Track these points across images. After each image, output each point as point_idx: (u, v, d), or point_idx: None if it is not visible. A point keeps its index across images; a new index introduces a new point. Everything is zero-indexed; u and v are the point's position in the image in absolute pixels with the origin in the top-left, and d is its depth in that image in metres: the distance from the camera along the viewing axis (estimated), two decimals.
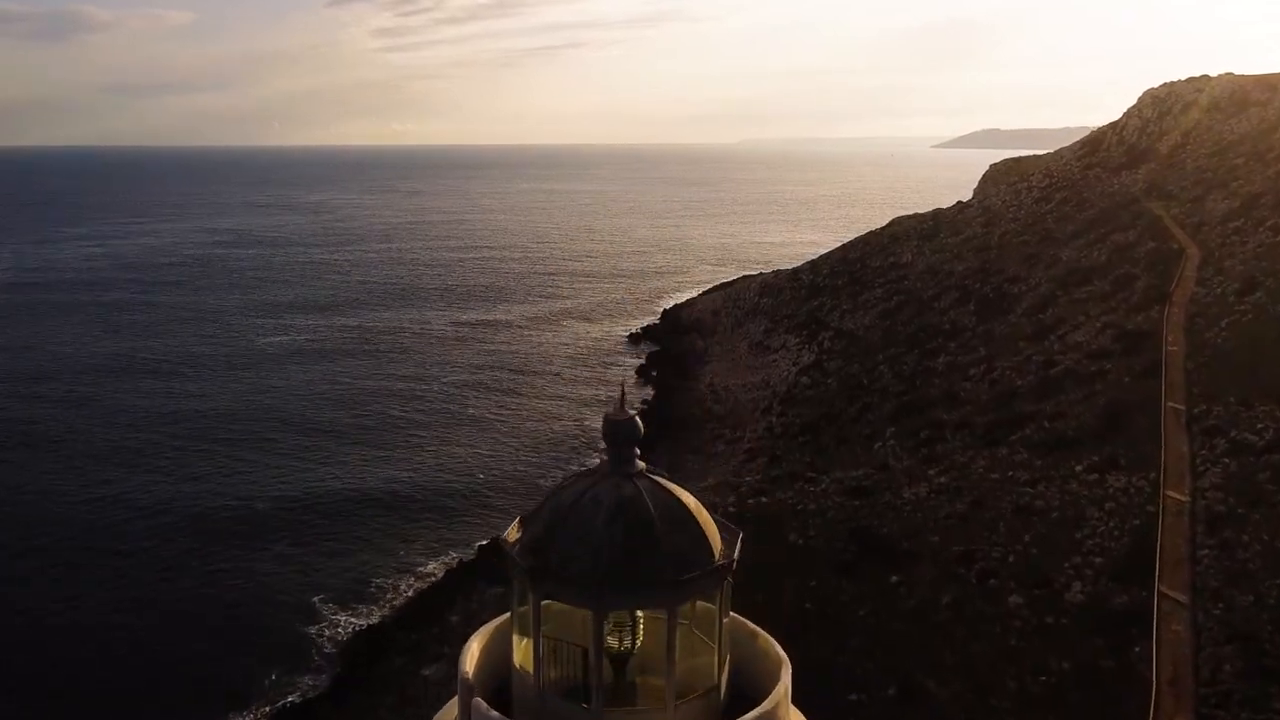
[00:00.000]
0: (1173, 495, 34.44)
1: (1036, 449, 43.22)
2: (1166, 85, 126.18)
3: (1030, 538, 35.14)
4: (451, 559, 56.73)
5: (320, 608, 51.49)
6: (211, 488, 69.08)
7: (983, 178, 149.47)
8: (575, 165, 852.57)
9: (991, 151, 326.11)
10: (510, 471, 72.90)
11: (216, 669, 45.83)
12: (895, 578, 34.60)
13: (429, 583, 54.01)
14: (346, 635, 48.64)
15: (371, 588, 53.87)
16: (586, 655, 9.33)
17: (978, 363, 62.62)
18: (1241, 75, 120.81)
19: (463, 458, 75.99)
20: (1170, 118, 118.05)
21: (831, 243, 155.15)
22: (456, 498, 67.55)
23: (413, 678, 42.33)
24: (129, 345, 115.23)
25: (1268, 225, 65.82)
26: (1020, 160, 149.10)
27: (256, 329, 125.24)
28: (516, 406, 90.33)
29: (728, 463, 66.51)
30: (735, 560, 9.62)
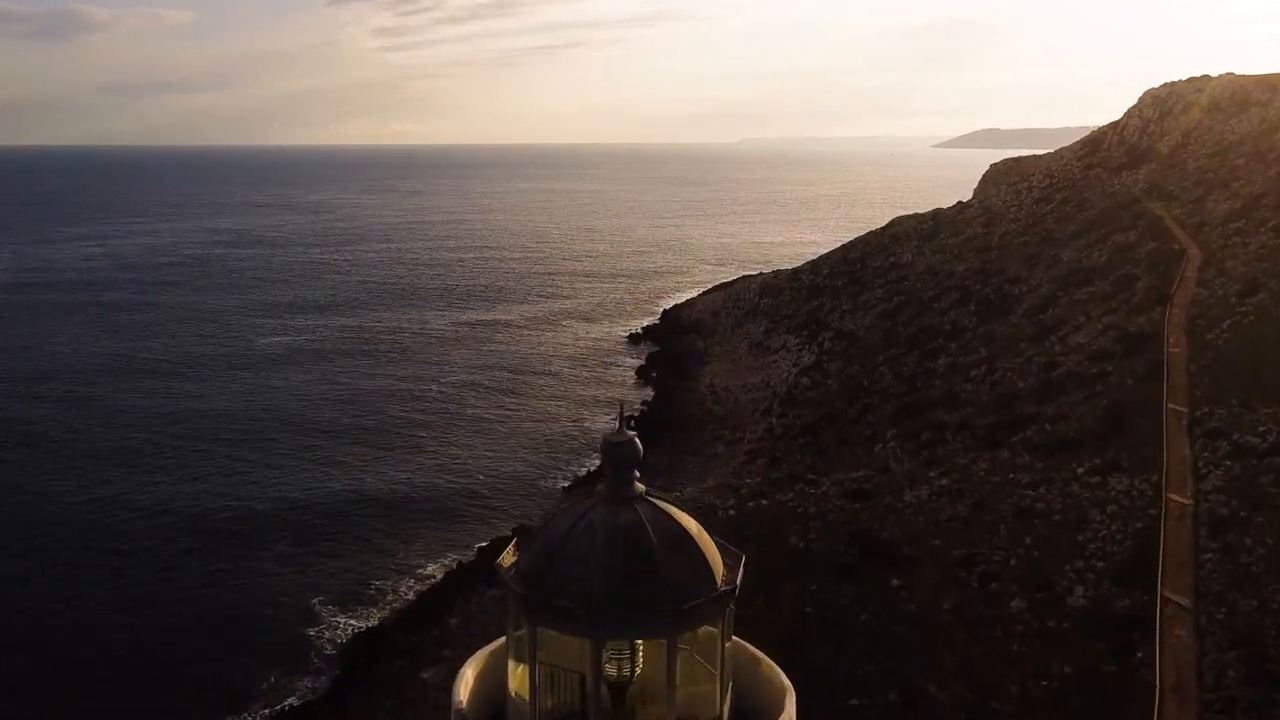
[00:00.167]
0: (1175, 498, 34.29)
1: (1038, 451, 43.05)
2: (1167, 85, 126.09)
3: (1032, 541, 35.01)
4: (451, 561, 56.55)
5: (319, 609, 51.40)
6: (211, 488, 69.00)
7: (983, 178, 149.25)
8: (575, 165, 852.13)
9: (991, 151, 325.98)
10: (510, 472, 72.74)
11: (216, 670, 45.74)
12: (896, 581, 34.48)
13: (428, 585, 53.83)
14: (345, 637, 48.49)
15: (371, 589, 53.76)
16: (584, 683, 9.06)
17: (978, 364, 62.47)
18: (1242, 75, 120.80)
19: (462, 458, 75.86)
20: (1171, 118, 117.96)
21: (831, 243, 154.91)
22: (456, 499, 67.40)
23: (412, 680, 42.19)
24: (128, 345, 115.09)
25: (1269, 226, 65.68)
26: (1020, 160, 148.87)
27: (256, 329, 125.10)
28: (516, 407, 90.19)
29: (728, 464, 66.41)
30: (738, 586, 9.33)
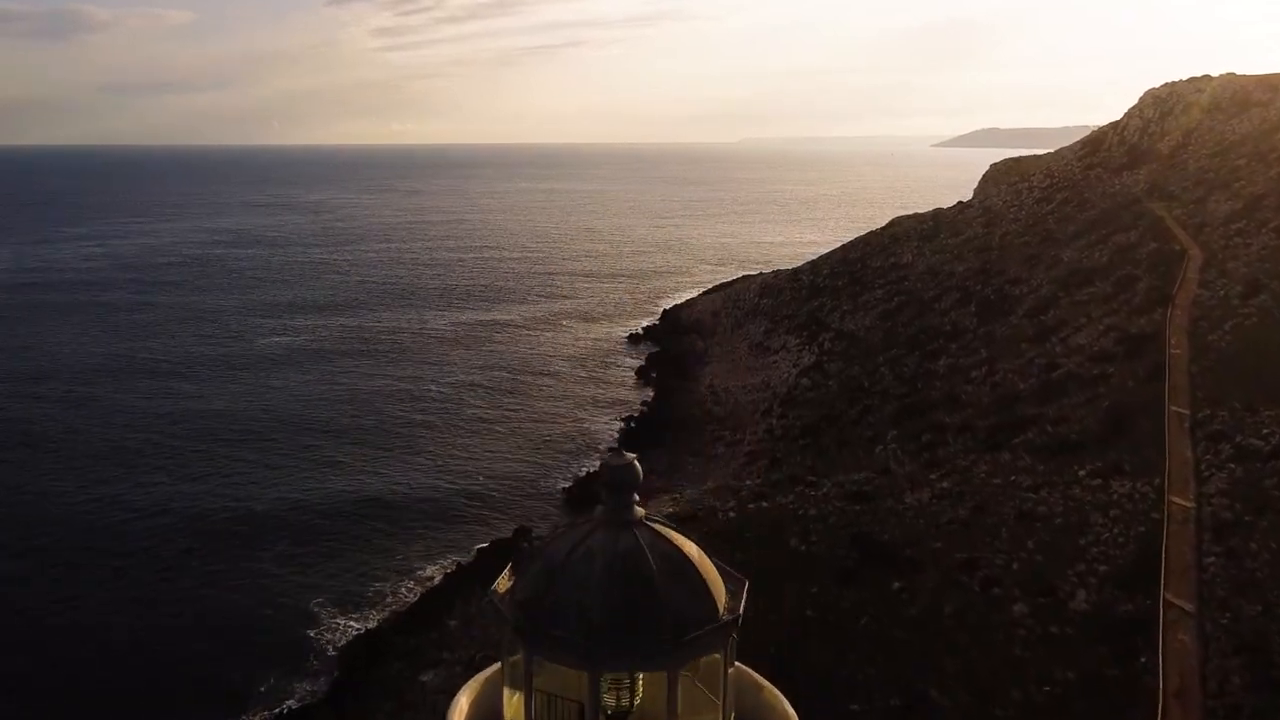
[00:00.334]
0: (1178, 501, 34.10)
1: (1039, 453, 42.85)
2: (1167, 85, 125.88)
3: (1033, 544, 34.82)
4: (450, 562, 56.38)
5: (318, 611, 51.27)
6: (210, 488, 68.89)
7: (983, 178, 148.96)
8: (575, 165, 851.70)
9: (991, 151, 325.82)
10: (510, 473, 72.59)
11: (215, 670, 45.63)
12: (897, 585, 34.27)
13: (428, 586, 53.66)
14: (345, 639, 48.34)
15: (370, 591, 53.62)
16: (582, 712, 8.79)
17: (979, 365, 62.30)
18: (1242, 75, 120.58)
19: (462, 459, 75.73)
20: (1171, 118, 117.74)
21: (831, 243, 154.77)
22: (456, 499, 67.25)
23: (411, 683, 42.05)
24: (128, 345, 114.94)
25: (1271, 227, 65.51)
26: (1020, 160, 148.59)
27: (255, 329, 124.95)
28: (516, 407, 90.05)
29: (728, 465, 66.30)
30: (741, 615, 9.04)
